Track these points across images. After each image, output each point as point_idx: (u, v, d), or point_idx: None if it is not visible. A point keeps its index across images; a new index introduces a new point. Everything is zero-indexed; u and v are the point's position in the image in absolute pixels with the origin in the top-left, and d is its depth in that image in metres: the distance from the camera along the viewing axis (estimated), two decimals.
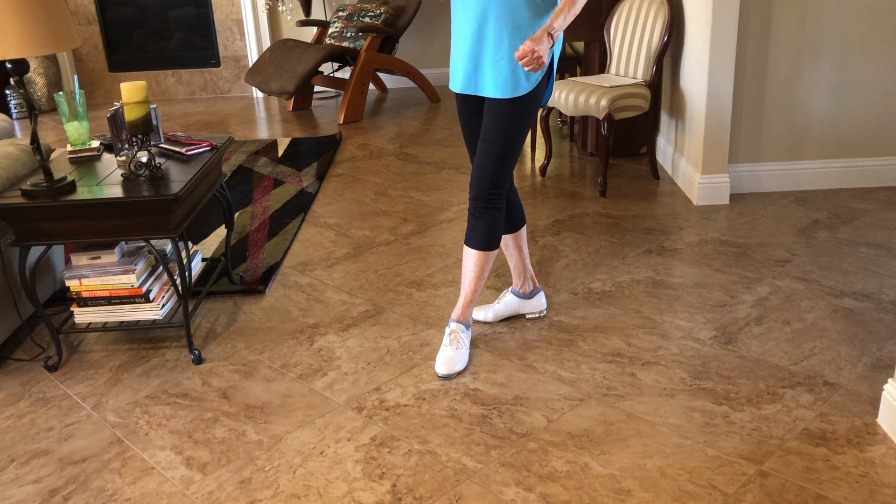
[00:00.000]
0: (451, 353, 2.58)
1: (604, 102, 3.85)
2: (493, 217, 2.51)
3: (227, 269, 3.24)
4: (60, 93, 2.82)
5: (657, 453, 2.14)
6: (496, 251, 2.58)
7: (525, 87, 2.39)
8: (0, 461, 2.26)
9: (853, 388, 2.38)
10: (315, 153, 4.95)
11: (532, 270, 2.88)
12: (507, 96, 2.39)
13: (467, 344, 2.62)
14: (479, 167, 2.49)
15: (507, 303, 2.85)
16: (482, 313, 2.86)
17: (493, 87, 2.41)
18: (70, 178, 2.59)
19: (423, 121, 5.68)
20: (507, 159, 2.46)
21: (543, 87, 2.46)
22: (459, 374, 2.55)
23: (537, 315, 2.87)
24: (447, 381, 2.52)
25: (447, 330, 2.63)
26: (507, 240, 2.77)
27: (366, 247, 3.57)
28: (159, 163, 2.75)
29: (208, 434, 2.33)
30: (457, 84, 2.51)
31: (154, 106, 2.75)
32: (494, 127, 2.44)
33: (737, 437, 2.18)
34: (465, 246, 2.59)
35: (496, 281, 3.16)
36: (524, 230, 2.78)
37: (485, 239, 2.53)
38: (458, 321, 2.64)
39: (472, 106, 2.56)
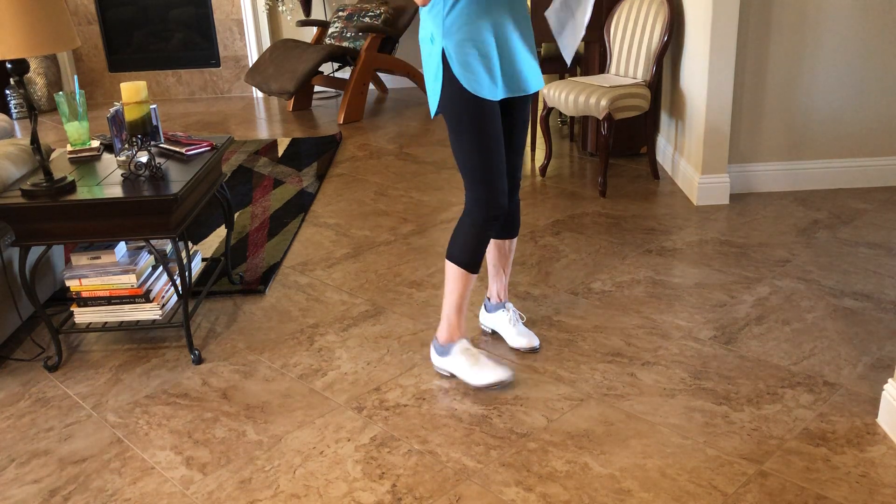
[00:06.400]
0: (523, 329, 2.68)
1: (604, 102, 3.85)
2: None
3: (227, 269, 3.24)
4: (60, 93, 2.82)
5: (657, 453, 2.14)
6: None
7: None
8: (0, 461, 2.26)
9: (853, 388, 2.38)
10: (315, 153, 4.95)
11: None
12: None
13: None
14: (518, 166, 2.51)
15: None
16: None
17: (538, 78, 2.38)
18: (70, 178, 2.59)
19: (423, 121, 5.68)
20: None
21: None
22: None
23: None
24: (535, 352, 2.65)
25: (509, 311, 2.69)
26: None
27: (366, 247, 3.57)
28: (159, 163, 2.75)
29: (208, 434, 2.33)
30: (520, 87, 2.30)
31: (154, 106, 2.75)
32: (527, 120, 2.47)
33: (737, 437, 2.18)
34: (503, 241, 2.60)
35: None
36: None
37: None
38: (508, 300, 2.75)
39: (501, 108, 2.38)
